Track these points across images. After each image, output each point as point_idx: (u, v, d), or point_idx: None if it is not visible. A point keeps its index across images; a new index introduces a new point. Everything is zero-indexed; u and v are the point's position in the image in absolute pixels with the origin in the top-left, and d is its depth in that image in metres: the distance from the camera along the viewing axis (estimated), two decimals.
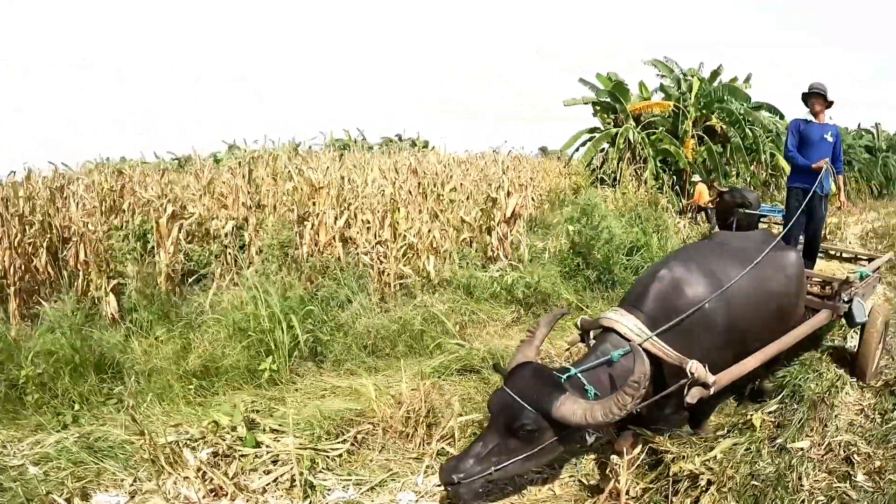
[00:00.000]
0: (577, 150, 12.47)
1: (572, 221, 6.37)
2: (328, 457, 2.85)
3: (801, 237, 4.89)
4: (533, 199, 8.62)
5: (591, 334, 2.84)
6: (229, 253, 5.08)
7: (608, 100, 11.94)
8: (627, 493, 2.43)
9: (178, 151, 13.10)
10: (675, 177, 11.36)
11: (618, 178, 10.84)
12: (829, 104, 4.89)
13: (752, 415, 2.93)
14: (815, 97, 4.81)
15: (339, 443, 2.95)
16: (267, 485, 2.64)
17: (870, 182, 17.74)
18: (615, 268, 5.87)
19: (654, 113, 11.51)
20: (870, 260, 5.16)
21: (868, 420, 3.26)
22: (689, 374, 2.42)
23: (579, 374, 2.39)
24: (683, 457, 2.54)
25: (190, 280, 5.11)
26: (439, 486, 2.35)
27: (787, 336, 3.09)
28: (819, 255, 5.05)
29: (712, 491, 2.32)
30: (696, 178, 10.95)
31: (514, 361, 2.51)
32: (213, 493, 2.58)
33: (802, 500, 2.44)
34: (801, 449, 2.77)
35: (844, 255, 5.62)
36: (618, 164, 10.86)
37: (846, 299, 3.65)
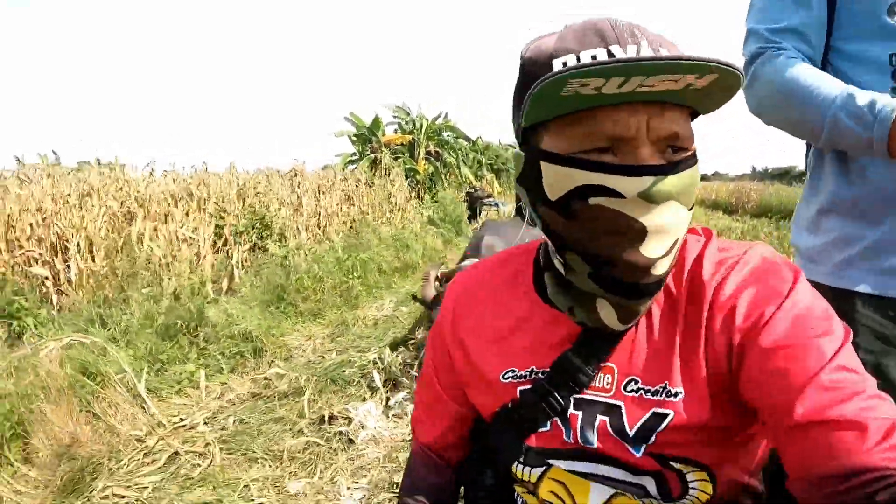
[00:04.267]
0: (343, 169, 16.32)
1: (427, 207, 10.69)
2: None
3: None
4: None
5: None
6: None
7: (365, 132, 16.31)
8: None
9: None
10: (416, 185, 16.58)
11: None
12: None
13: None
14: None
15: None
16: None
17: None
18: (461, 225, 10.46)
19: (398, 143, 16.46)
20: None
21: None
22: None
23: None
24: None
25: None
26: None
27: None
28: None
29: None
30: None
31: (427, 294, 3.07)
32: None
33: None
34: None
35: None
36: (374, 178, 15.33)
37: None
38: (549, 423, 0.66)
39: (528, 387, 0.67)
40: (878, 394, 0.51)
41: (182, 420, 3.15)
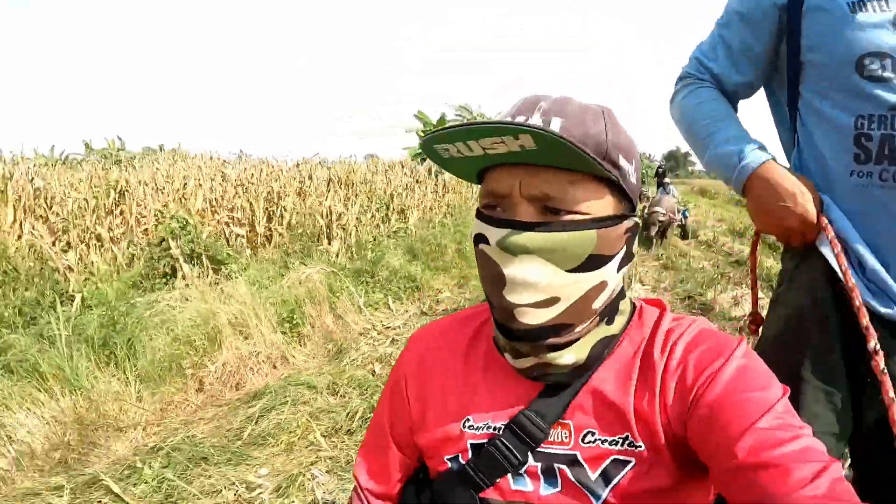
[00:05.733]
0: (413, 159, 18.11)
1: None
2: None
3: None
4: None
5: None
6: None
7: (432, 129, 18.12)
8: None
9: None
10: None
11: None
12: None
13: None
14: None
15: None
16: None
17: None
18: None
19: None
20: None
21: None
22: None
23: None
24: None
25: None
26: None
27: None
28: None
29: None
30: None
31: None
32: None
33: None
34: None
35: None
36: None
37: None
38: (503, 478, 0.67)
39: (484, 441, 0.68)
40: (813, 440, 0.53)
41: (387, 324, 4.92)
